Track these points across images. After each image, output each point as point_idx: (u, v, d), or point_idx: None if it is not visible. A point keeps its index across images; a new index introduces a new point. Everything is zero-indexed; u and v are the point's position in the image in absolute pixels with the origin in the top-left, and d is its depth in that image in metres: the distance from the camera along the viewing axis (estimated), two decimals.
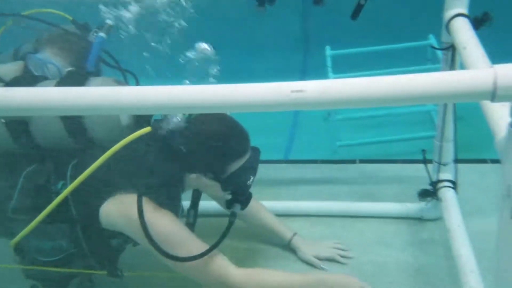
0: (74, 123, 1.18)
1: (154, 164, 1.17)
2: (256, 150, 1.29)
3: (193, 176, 1.23)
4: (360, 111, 2.30)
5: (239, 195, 1.28)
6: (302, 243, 1.53)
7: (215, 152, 1.21)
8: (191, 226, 1.31)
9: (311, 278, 1.26)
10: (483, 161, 1.92)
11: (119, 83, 1.30)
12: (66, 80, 1.23)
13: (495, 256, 0.79)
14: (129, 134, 1.13)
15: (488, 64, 0.92)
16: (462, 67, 1.14)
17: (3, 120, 1.19)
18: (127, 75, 1.46)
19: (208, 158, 1.21)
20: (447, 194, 1.57)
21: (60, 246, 1.26)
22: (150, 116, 1.20)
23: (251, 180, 1.28)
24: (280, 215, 1.63)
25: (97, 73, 1.36)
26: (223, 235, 1.20)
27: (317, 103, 0.69)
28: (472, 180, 1.76)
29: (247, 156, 1.25)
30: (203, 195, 1.38)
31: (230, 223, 1.25)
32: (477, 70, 0.64)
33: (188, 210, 1.35)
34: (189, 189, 1.32)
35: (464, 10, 1.27)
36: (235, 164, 1.24)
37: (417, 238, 1.59)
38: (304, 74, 3.13)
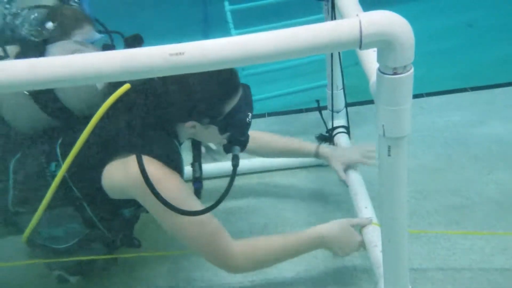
0: (47, 101, 1.09)
1: (144, 119, 1.08)
2: (246, 87, 1.21)
3: (188, 124, 1.14)
4: (264, 66, 2.31)
5: (238, 136, 1.21)
6: (330, 150, 1.53)
7: (207, 93, 1.12)
8: (198, 179, 1.26)
9: (310, 238, 1.22)
10: None
11: (78, 44, 1.16)
12: (25, 49, 1.13)
13: (378, 188, 0.88)
14: (106, 97, 1.04)
15: (360, 12, 0.97)
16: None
17: None
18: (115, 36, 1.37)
19: (201, 102, 1.12)
20: (341, 139, 1.70)
21: (73, 230, 1.19)
22: None
23: (249, 117, 1.21)
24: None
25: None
26: (231, 181, 1.15)
27: (198, 65, 0.67)
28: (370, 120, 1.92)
29: (240, 93, 1.17)
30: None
31: (234, 167, 1.18)
32: (344, 20, 0.67)
33: (192, 164, 1.30)
34: (185, 139, 1.24)
35: None
36: (230, 103, 1.15)
37: (320, 183, 1.72)
38: (206, 31, 3.06)
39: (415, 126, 2.04)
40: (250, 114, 1.20)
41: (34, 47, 1.13)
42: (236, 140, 1.22)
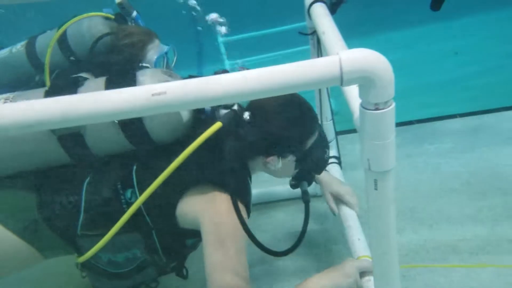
0: (134, 128, 1.10)
1: (227, 153, 1.11)
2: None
3: (269, 159, 1.18)
4: None
5: (315, 171, 1.27)
6: (326, 178, 1.50)
7: (295, 129, 1.16)
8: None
9: None
10: None
11: (169, 74, 1.18)
12: (115, 77, 1.14)
13: (368, 220, 0.87)
14: (188, 131, 1.12)
15: (344, 48, 0.99)
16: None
17: (55, 136, 1.10)
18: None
19: (288, 136, 1.16)
20: (334, 169, 1.70)
21: (134, 256, 1.19)
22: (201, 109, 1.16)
23: (327, 153, 1.26)
24: None
25: None
26: (306, 218, 1.19)
27: (180, 104, 0.67)
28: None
29: (318, 129, 1.23)
30: None
31: (307, 203, 1.23)
32: (324, 58, 0.68)
33: None
34: (254, 174, 1.26)
35: None
36: (312, 138, 1.21)
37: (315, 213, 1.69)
38: (201, 63, 3.11)
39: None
40: (327, 151, 1.26)
41: (124, 74, 1.16)
42: (307, 176, 1.27)
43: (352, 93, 0.82)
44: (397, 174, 0.86)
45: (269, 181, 1.57)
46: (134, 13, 1.49)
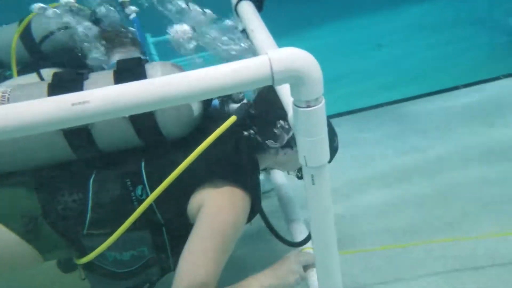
0: (144, 123, 1.05)
1: (239, 148, 1.10)
2: None
3: (273, 153, 1.18)
4: None
5: None
6: None
7: None
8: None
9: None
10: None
11: (177, 67, 1.13)
12: (123, 70, 1.07)
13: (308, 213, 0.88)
14: (198, 124, 1.10)
15: (272, 45, 0.99)
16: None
17: (61, 131, 1.04)
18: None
19: None
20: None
21: (141, 254, 1.14)
22: (209, 101, 1.14)
23: (336, 142, 1.27)
24: None
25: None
26: None
27: (105, 113, 0.63)
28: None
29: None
30: None
31: None
32: (254, 58, 0.67)
33: None
34: (261, 168, 1.24)
35: None
36: None
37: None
38: None
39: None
40: (336, 139, 1.27)
41: (132, 67, 1.10)
42: None
43: (284, 92, 0.83)
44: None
45: None
46: (133, 15, 1.47)
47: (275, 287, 1.16)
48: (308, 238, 1.23)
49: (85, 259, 1.09)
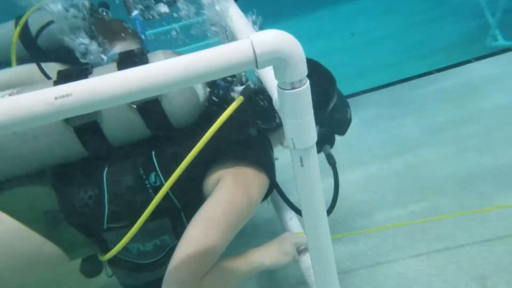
0: (152, 112, 1.06)
1: (251, 128, 1.12)
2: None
3: (283, 131, 1.10)
4: None
5: (339, 132, 1.28)
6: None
7: (314, 96, 1.09)
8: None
9: (250, 268, 1.15)
10: None
11: (177, 54, 1.13)
12: (127, 61, 1.07)
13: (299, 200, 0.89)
14: (204, 112, 1.11)
15: (252, 32, 0.99)
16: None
17: (71, 127, 1.04)
18: None
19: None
20: None
21: (163, 243, 1.14)
22: (214, 88, 1.15)
23: (349, 113, 1.28)
24: None
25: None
26: (336, 180, 1.21)
27: (89, 105, 0.62)
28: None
29: (337, 90, 1.24)
30: None
31: (334, 165, 1.21)
32: (236, 42, 0.67)
33: None
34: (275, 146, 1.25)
35: None
36: (332, 102, 1.22)
37: None
38: None
39: None
40: (349, 110, 1.28)
41: (135, 59, 1.10)
42: (329, 139, 1.27)
43: (268, 76, 0.83)
44: None
45: None
46: (135, 12, 1.47)
47: (267, 266, 1.18)
48: (330, 209, 1.23)
49: (109, 255, 1.09)
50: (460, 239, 1.53)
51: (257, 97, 1.13)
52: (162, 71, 0.64)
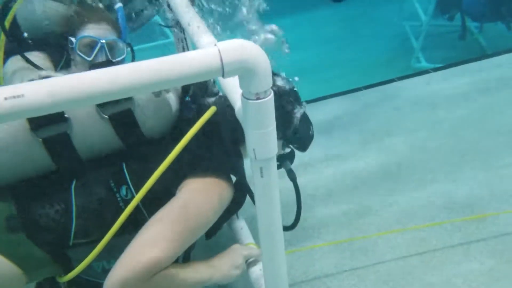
0: (124, 121, 1.04)
1: (220, 140, 1.11)
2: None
3: None
4: None
5: (302, 149, 1.31)
6: None
7: (284, 110, 1.19)
8: None
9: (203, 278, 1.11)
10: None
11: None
12: None
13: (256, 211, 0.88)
14: (175, 120, 1.10)
15: (212, 39, 0.98)
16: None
17: (40, 139, 1.01)
18: None
19: (280, 118, 1.06)
20: None
21: None
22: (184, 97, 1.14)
23: (311, 130, 1.30)
24: None
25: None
26: (298, 194, 1.23)
27: (43, 107, 0.57)
28: None
29: (302, 107, 1.25)
30: None
31: (294, 180, 1.24)
32: (203, 50, 0.66)
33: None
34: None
35: None
36: (297, 117, 1.24)
37: None
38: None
39: None
40: (311, 127, 1.31)
41: None
42: (289, 155, 1.30)
43: (231, 85, 0.82)
44: None
45: None
46: (118, 4, 1.42)
47: (214, 281, 1.15)
48: (295, 223, 1.27)
49: (72, 273, 1.03)
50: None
51: (228, 107, 1.12)
52: (126, 74, 0.61)
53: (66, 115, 1.02)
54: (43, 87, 0.58)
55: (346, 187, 1.90)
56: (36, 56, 1.28)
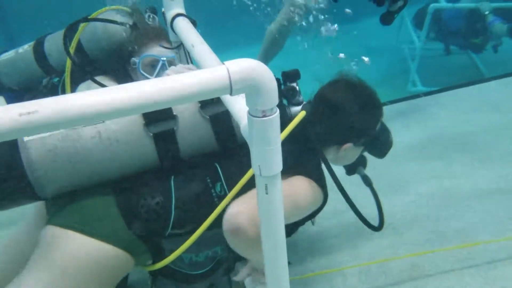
0: (223, 125, 1.13)
1: (313, 145, 1.18)
2: None
3: (345, 146, 1.26)
4: None
5: (380, 155, 1.36)
6: None
7: (367, 117, 1.26)
8: None
9: None
10: None
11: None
12: None
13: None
14: None
15: (216, 59, 1.01)
16: (194, 62, 1.24)
17: (151, 134, 1.10)
18: None
19: (361, 125, 1.25)
20: None
21: (214, 254, 1.21)
22: None
23: (391, 137, 1.34)
24: None
25: None
26: (376, 198, 1.33)
27: (56, 123, 0.58)
28: None
29: (383, 114, 1.32)
30: None
31: (371, 186, 1.35)
32: (212, 69, 0.68)
33: None
34: None
35: (182, 10, 1.35)
36: (379, 124, 1.30)
37: None
38: None
39: None
40: (390, 134, 1.34)
41: None
42: (363, 161, 1.37)
43: (237, 102, 0.84)
44: None
45: None
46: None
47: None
48: (381, 225, 1.33)
49: (165, 261, 1.11)
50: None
51: (316, 115, 1.21)
52: (136, 93, 0.63)
53: (174, 113, 1.11)
54: (56, 104, 0.60)
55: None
56: (103, 80, 1.33)
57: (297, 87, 1.22)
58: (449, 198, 1.88)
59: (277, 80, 1.24)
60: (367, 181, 1.36)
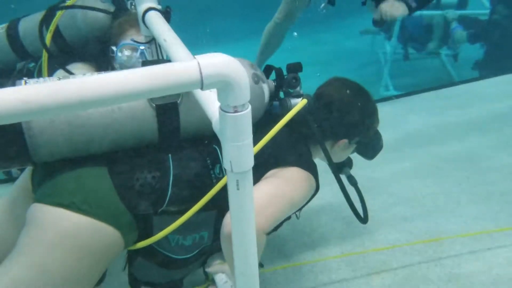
0: None
1: (311, 134, 1.22)
2: None
3: (340, 142, 1.30)
4: None
5: (369, 156, 1.40)
6: None
7: (365, 116, 1.30)
8: None
9: None
10: None
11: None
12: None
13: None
14: (262, 118, 1.18)
15: (189, 54, 0.99)
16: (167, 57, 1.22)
17: (154, 105, 1.08)
18: None
19: (359, 123, 1.29)
20: None
21: (200, 239, 1.18)
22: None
23: (382, 140, 1.39)
24: None
25: None
26: (361, 196, 1.38)
27: (46, 108, 0.57)
28: None
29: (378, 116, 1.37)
30: None
31: (355, 185, 1.39)
32: (183, 63, 0.67)
33: None
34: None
35: (155, 4, 1.32)
36: (375, 125, 1.35)
37: None
38: None
39: None
40: (381, 138, 1.38)
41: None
42: (348, 161, 1.41)
43: (209, 97, 0.83)
44: None
45: None
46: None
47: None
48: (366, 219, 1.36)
49: (152, 239, 1.09)
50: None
51: (313, 109, 1.24)
52: (102, 84, 0.61)
53: None
54: (19, 94, 0.58)
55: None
56: (79, 68, 1.30)
57: (299, 78, 1.25)
58: (418, 199, 1.94)
59: (279, 69, 1.28)
60: (352, 180, 1.41)
